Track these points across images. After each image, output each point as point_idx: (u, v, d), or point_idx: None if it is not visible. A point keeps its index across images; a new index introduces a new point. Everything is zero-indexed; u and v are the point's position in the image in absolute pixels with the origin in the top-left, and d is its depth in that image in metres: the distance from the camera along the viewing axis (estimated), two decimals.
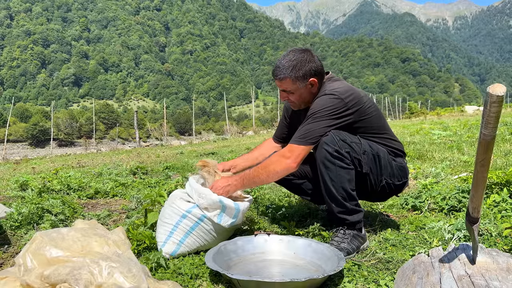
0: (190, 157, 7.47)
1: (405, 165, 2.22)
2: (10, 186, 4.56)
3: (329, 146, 1.97)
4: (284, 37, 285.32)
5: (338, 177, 1.97)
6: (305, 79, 2.05)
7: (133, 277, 1.19)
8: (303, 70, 2.04)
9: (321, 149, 1.99)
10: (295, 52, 2.07)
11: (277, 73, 2.07)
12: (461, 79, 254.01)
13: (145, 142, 30.67)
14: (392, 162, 2.14)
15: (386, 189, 2.16)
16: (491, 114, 1.01)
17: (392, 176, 2.14)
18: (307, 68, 2.04)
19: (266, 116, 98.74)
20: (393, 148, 2.19)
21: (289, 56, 2.06)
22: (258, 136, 16.95)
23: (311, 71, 2.05)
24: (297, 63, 2.03)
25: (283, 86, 2.09)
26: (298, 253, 1.96)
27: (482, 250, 1.36)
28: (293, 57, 2.05)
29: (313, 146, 2.03)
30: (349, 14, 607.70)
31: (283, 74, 2.05)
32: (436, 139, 7.11)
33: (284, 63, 2.05)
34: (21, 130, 59.63)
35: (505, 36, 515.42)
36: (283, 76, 2.05)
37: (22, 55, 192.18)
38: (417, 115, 30.60)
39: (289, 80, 2.05)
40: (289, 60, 2.04)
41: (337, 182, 1.97)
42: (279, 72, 2.06)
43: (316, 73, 2.08)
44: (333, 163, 1.97)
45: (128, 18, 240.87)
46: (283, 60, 2.06)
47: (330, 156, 1.97)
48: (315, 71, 2.06)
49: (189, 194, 2.10)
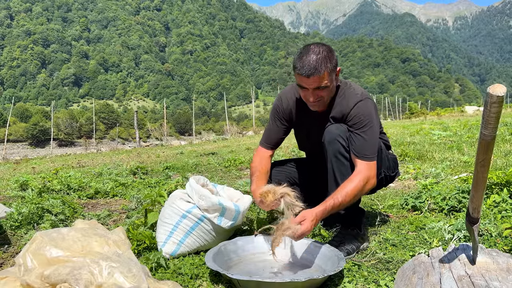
0: (190, 157, 7.47)
1: (396, 156, 2.31)
2: (10, 186, 4.56)
3: (344, 139, 1.94)
4: (284, 37, 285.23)
5: (348, 173, 1.96)
6: (336, 69, 1.95)
7: (133, 277, 1.19)
8: (333, 59, 1.92)
9: (334, 142, 1.95)
10: (317, 46, 1.92)
11: (312, 70, 1.85)
12: (461, 79, 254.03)
13: (145, 142, 30.66)
14: (388, 155, 2.22)
15: (382, 182, 2.22)
16: (491, 114, 1.01)
17: (389, 168, 2.21)
18: (334, 57, 1.93)
19: (266, 116, 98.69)
20: (385, 140, 2.26)
21: (314, 51, 1.89)
22: (258, 136, 16.95)
23: (336, 61, 1.95)
24: (326, 54, 1.89)
25: (322, 82, 1.89)
26: (298, 253, 1.96)
27: (482, 250, 1.36)
28: (319, 50, 1.89)
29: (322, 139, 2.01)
30: (349, 14, 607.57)
31: (322, 68, 1.86)
32: (436, 140, 7.12)
33: (315, 59, 1.86)
34: (21, 130, 59.61)
35: (505, 37, 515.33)
36: (322, 70, 1.86)
37: (22, 55, 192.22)
38: (417, 115, 30.62)
39: (327, 73, 1.88)
40: (318, 53, 1.88)
41: (346, 177, 1.95)
42: (316, 68, 1.85)
43: (338, 63, 1.99)
44: (345, 157, 1.95)
45: (128, 18, 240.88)
46: (311, 57, 1.86)
47: (344, 150, 1.94)
48: (337, 60, 1.97)
49: (189, 195, 2.10)
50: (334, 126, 2.01)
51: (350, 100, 2.01)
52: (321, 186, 2.37)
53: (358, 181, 1.89)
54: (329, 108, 2.08)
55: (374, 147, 1.95)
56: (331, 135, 1.97)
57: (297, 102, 2.17)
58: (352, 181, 1.89)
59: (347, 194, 1.85)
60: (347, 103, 2.01)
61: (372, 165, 1.94)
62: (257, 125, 33.78)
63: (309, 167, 2.43)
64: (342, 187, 1.89)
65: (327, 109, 2.08)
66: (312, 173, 2.40)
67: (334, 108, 2.06)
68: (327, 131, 2.00)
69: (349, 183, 1.88)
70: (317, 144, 2.23)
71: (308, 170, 2.42)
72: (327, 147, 1.99)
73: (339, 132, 1.95)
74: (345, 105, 2.02)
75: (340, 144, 1.94)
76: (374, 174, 1.94)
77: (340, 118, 2.03)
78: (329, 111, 2.08)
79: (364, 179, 1.89)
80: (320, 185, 2.39)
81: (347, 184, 1.88)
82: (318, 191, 2.45)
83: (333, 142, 1.95)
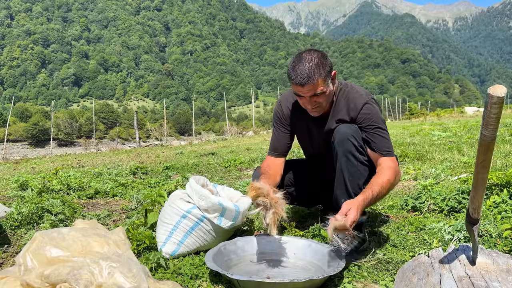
0: (190, 157, 7.47)
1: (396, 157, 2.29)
2: (10, 186, 4.56)
3: (356, 140, 1.94)
4: (284, 37, 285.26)
5: (357, 174, 1.95)
6: (330, 73, 1.93)
7: (133, 277, 1.19)
8: (327, 65, 1.90)
9: (346, 141, 1.93)
10: (309, 53, 1.91)
11: (306, 78, 1.84)
12: (461, 80, 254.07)
13: (145, 142, 30.69)
14: None
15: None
16: (491, 115, 1.01)
17: None
18: (327, 62, 1.91)
19: (266, 116, 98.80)
20: None
21: (306, 59, 1.88)
22: (258, 136, 16.95)
23: (331, 65, 1.94)
24: (319, 61, 1.88)
25: (317, 89, 1.88)
26: (298, 254, 1.96)
27: (482, 251, 1.36)
28: (311, 57, 1.88)
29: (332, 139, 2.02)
30: (349, 15, 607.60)
31: (315, 76, 1.85)
32: (436, 140, 7.11)
33: (308, 66, 1.85)
34: (21, 129, 59.56)
35: (505, 37, 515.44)
36: (315, 78, 1.85)
37: (22, 55, 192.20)
38: (417, 116, 30.61)
39: (321, 80, 1.87)
40: (310, 61, 1.87)
41: (354, 178, 1.95)
42: (309, 76, 1.84)
43: (332, 66, 1.98)
44: (356, 157, 1.95)
45: (128, 18, 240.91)
46: (303, 65, 1.86)
47: (355, 150, 1.94)
48: (332, 64, 1.96)
49: (189, 195, 2.10)
50: (345, 125, 1.99)
51: (356, 102, 2.01)
52: (321, 188, 2.37)
53: (391, 173, 1.90)
54: (331, 111, 2.07)
55: (391, 143, 2.01)
56: (342, 134, 1.95)
57: (296, 106, 2.16)
58: (385, 174, 1.89)
59: (382, 185, 1.85)
60: (353, 104, 2.01)
61: (395, 159, 2.00)
62: (257, 125, 33.80)
63: (309, 168, 2.43)
64: (376, 179, 1.87)
65: (327, 113, 2.07)
66: (312, 175, 2.40)
67: (340, 110, 2.05)
68: (338, 131, 1.98)
69: (382, 175, 1.88)
70: (319, 147, 2.23)
71: (307, 172, 2.42)
72: (337, 147, 1.97)
73: (351, 132, 1.94)
74: (352, 107, 2.01)
75: (352, 144, 1.93)
76: (399, 168, 2.00)
77: (349, 120, 2.02)
78: (332, 114, 2.07)
79: (395, 172, 1.93)
80: (320, 187, 2.39)
81: (380, 177, 1.88)
82: (316, 193, 2.45)
83: (345, 141, 1.94)
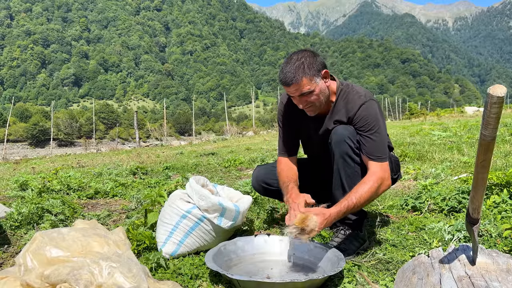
0: (190, 157, 7.47)
1: (398, 158, 2.30)
2: (10, 186, 4.56)
3: (352, 141, 1.93)
4: (284, 37, 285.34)
5: (354, 175, 1.95)
6: (319, 73, 1.92)
7: (133, 277, 1.19)
8: (315, 64, 1.90)
9: (343, 143, 1.93)
10: (297, 54, 1.94)
11: (290, 78, 1.86)
12: (461, 80, 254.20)
13: (145, 142, 30.70)
14: (391, 157, 2.17)
15: None
16: (491, 115, 1.01)
17: (391, 170, 2.14)
18: (316, 62, 1.91)
19: (266, 116, 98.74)
20: (388, 142, 2.20)
21: (293, 60, 1.90)
22: (258, 136, 16.96)
23: (321, 64, 1.93)
24: (305, 61, 1.88)
25: (302, 89, 1.88)
26: (298, 254, 1.96)
27: (482, 251, 1.36)
28: (297, 57, 1.90)
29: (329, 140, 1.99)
30: (349, 15, 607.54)
31: (299, 76, 1.86)
32: (436, 140, 7.12)
33: (292, 67, 1.87)
34: (21, 130, 59.56)
35: (505, 37, 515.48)
36: (299, 77, 1.86)
37: (22, 55, 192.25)
38: (417, 116, 30.62)
39: (306, 79, 1.87)
40: (296, 61, 1.88)
41: (351, 179, 1.94)
42: (292, 76, 1.86)
43: (325, 65, 1.98)
44: (352, 159, 1.94)
45: (128, 18, 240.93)
46: (289, 66, 1.88)
47: (352, 152, 1.93)
48: (323, 63, 1.96)
49: (189, 195, 2.10)
50: (341, 127, 1.98)
51: (354, 103, 1.99)
52: (321, 188, 2.37)
53: (373, 182, 1.86)
54: (330, 112, 2.06)
55: (384, 148, 1.95)
56: (339, 136, 1.95)
57: (295, 105, 2.15)
58: (366, 183, 1.85)
59: (361, 196, 1.82)
60: (351, 105, 2.00)
61: (386, 166, 1.93)
62: (257, 125, 33.80)
63: (309, 167, 2.42)
64: (357, 188, 1.85)
65: (327, 113, 2.07)
66: (312, 174, 2.40)
67: (339, 111, 2.04)
68: (335, 132, 1.98)
69: (363, 185, 1.85)
70: (318, 147, 2.23)
71: (308, 171, 2.42)
72: (334, 148, 1.97)
73: (348, 133, 1.94)
74: (349, 108, 2.00)
75: (348, 146, 1.92)
76: (389, 175, 1.93)
77: (346, 121, 2.01)
78: (331, 114, 2.06)
79: (379, 180, 1.87)
80: (319, 187, 2.38)
81: (361, 186, 1.85)
82: (317, 192, 2.45)
83: (341, 143, 1.93)
